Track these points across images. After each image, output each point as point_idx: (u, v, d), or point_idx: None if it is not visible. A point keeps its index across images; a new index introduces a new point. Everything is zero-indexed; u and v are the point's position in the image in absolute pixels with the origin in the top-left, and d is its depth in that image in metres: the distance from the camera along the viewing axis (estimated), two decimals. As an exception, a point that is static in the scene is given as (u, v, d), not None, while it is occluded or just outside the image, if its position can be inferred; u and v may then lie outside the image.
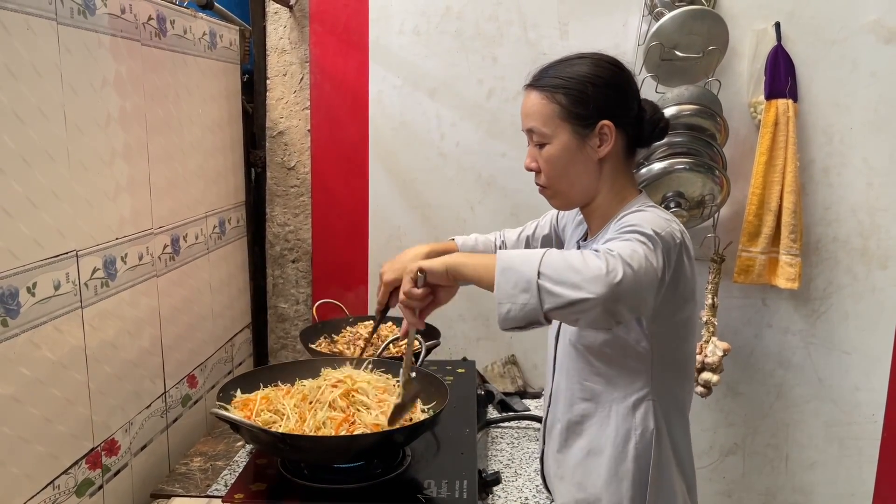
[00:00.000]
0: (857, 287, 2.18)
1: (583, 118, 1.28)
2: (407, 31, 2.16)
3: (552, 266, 1.11)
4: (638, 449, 1.30)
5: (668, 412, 1.32)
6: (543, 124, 1.30)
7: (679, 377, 1.35)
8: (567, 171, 1.32)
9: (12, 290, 1.10)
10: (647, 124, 1.33)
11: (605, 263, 1.09)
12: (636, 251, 1.13)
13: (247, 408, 1.40)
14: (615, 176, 1.34)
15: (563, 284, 1.09)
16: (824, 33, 2.07)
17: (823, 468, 2.30)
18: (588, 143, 1.29)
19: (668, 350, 1.30)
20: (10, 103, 1.09)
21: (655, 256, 1.15)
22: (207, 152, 1.86)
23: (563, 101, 1.28)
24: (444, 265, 1.24)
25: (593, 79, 1.28)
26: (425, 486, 1.36)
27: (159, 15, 1.57)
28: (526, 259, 1.14)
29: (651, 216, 1.23)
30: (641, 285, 1.12)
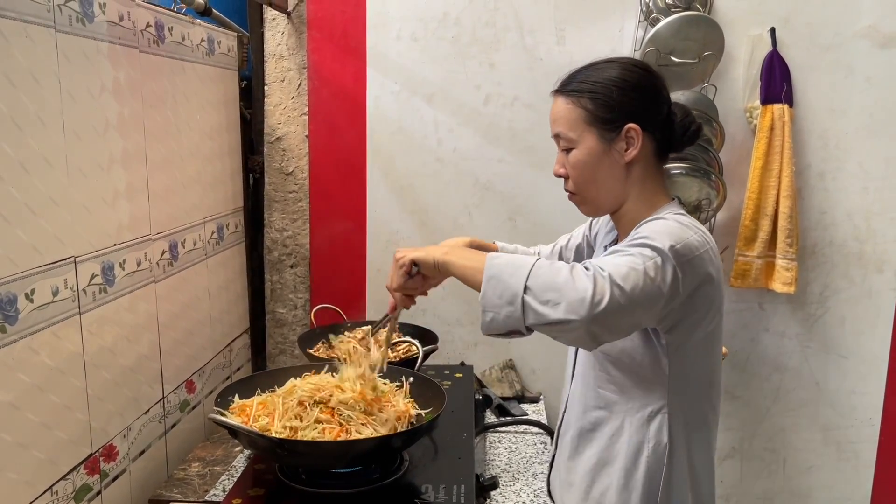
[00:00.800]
0: (854, 291, 2.19)
1: (608, 122, 1.27)
2: (404, 38, 2.17)
3: (539, 281, 1.11)
4: (650, 462, 1.27)
5: (685, 427, 1.28)
6: (569, 129, 1.30)
7: (700, 392, 1.30)
8: (594, 175, 1.30)
9: (11, 296, 1.10)
10: (677, 128, 1.31)
11: (591, 285, 1.08)
12: (634, 268, 1.11)
13: (244, 413, 1.40)
14: (644, 181, 1.31)
15: (548, 304, 1.09)
16: (819, 39, 2.08)
17: (821, 472, 2.30)
18: (614, 147, 1.28)
19: (688, 364, 1.26)
20: (9, 111, 1.09)
21: (662, 272, 1.13)
22: (206, 158, 1.86)
23: (588, 105, 1.27)
24: (433, 260, 1.26)
25: (619, 82, 1.27)
26: (423, 490, 1.36)
27: (157, 22, 1.58)
28: (514, 270, 1.13)
29: (669, 225, 1.20)
30: (632, 306, 1.11)
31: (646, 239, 1.16)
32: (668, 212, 1.28)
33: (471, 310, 2.25)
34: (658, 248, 1.14)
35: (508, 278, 1.13)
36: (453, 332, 2.29)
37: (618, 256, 1.15)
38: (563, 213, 2.17)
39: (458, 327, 2.29)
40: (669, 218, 1.24)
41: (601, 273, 1.10)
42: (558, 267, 1.12)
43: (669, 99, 1.32)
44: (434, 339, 1.91)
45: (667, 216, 1.25)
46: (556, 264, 1.13)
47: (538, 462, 1.71)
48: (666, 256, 1.14)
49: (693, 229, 1.22)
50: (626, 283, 1.09)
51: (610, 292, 1.08)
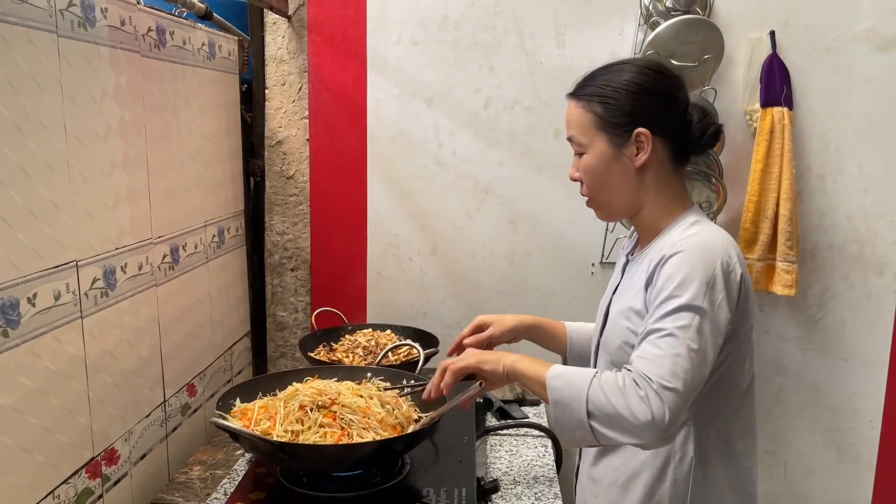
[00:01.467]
0: (854, 293, 2.19)
1: (618, 126, 1.26)
2: (405, 41, 2.17)
3: (598, 409, 1.12)
4: (676, 475, 1.26)
5: (715, 440, 1.27)
6: (581, 134, 1.30)
7: (730, 399, 1.27)
8: (605, 180, 1.30)
9: (13, 300, 1.10)
10: (694, 130, 1.28)
11: (649, 409, 1.08)
12: (678, 356, 1.11)
13: (246, 417, 1.40)
14: (659, 185, 1.29)
15: (615, 429, 1.12)
16: (819, 41, 2.08)
17: (821, 474, 2.30)
18: (625, 151, 1.27)
19: (716, 376, 1.23)
20: (11, 115, 1.09)
21: (704, 335, 1.13)
22: (206, 162, 1.87)
23: (598, 110, 1.27)
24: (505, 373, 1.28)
25: (630, 86, 1.25)
26: (424, 493, 1.36)
27: (159, 26, 1.58)
28: (573, 394, 1.15)
29: (691, 261, 1.16)
30: (691, 390, 1.12)
31: (676, 298, 1.14)
32: (691, 222, 1.27)
33: (471, 313, 2.25)
34: (692, 306, 1.13)
35: (569, 402, 1.15)
36: (454, 335, 2.28)
37: (656, 343, 1.13)
38: (563, 216, 2.19)
39: (458, 330, 2.27)
40: (694, 236, 1.21)
41: (651, 386, 1.10)
42: (611, 388, 1.12)
43: (687, 100, 1.30)
44: (435, 342, 1.91)
45: (691, 230, 1.24)
46: (607, 383, 1.13)
47: (539, 465, 1.71)
48: (703, 312, 1.13)
49: (720, 242, 1.20)
50: (676, 380, 1.10)
51: (669, 404, 1.09)
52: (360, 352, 1.89)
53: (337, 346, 1.95)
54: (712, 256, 1.17)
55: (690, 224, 1.27)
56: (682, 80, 1.31)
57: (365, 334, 2.00)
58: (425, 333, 1.97)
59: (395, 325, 2.07)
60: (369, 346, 1.92)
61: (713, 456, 1.27)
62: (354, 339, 1.98)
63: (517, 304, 2.26)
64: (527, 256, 2.25)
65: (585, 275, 2.24)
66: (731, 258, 1.20)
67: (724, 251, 1.20)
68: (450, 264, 2.26)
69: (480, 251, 2.25)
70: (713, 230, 1.25)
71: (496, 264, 2.26)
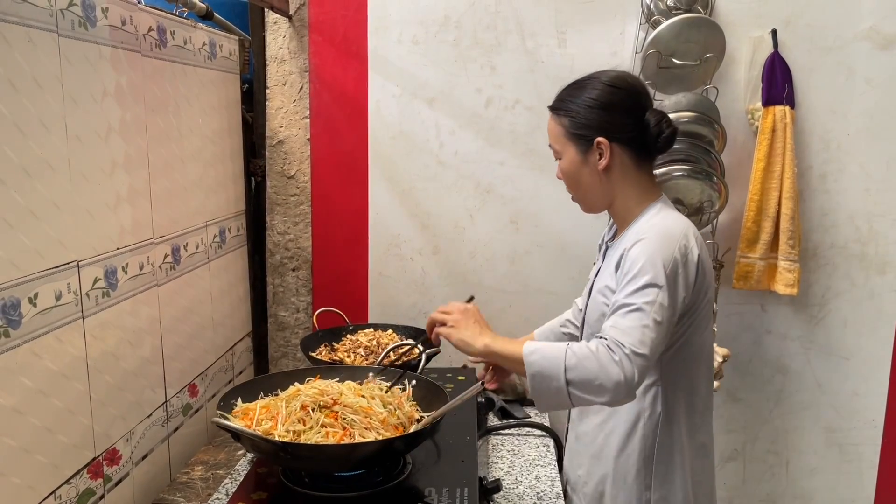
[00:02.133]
0: (856, 293, 2.19)
1: (581, 137, 1.44)
2: (405, 41, 2.17)
3: (576, 375, 1.27)
4: (645, 429, 1.45)
5: (679, 397, 1.45)
6: (555, 142, 1.49)
7: (692, 363, 1.45)
8: (578, 181, 1.49)
9: (14, 300, 1.10)
10: (651, 133, 1.44)
11: (621, 369, 1.25)
12: (644, 326, 1.28)
13: (248, 417, 1.40)
14: (625, 183, 1.47)
15: (590, 391, 1.27)
16: (820, 40, 2.08)
17: (824, 474, 2.30)
18: (589, 158, 1.45)
19: (680, 341, 1.42)
20: (12, 115, 1.09)
21: (665, 306, 1.30)
22: (207, 162, 1.87)
23: (565, 122, 1.46)
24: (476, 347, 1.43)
25: (588, 101, 1.43)
26: (426, 493, 1.36)
27: (159, 26, 1.58)
28: (550, 365, 1.30)
29: (651, 248, 1.33)
30: (655, 355, 1.30)
31: (642, 277, 1.31)
32: (651, 212, 1.45)
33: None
34: (655, 284, 1.30)
35: (549, 374, 1.30)
36: (455, 335, 2.28)
37: (626, 316, 1.30)
38: (564, 215, 2.18)
39: (460, 330, 2.28)
40: (656, 226, 1.39)
41: (623, 351, 1.26)
42: (584, 356, 1.27)
43: (643, 108, 1.45)
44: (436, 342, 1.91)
45: (655, 219, 1.42)
46: (581, 353, 1.28)
47: (541, 465, 1.71)
48: (664, 290, 1.31)
49: (678, 228, 1.39)
50: (644, 346, 1.27)
51: (637, 366, 1.25)
52: (362, 351, 1.88)
53: (338, 346, 1.95)
54: (672, 242, 1.35)
55: (655, 213, 1.45)
56: (639, 90, 1.47)
57: (366, 334, 1.99)
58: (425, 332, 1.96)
59: (396, 325, 2.07)
60: (371, 345, 1.92)
61: (677, 410, 1.45)
62: (356, 338, 1.98)
63: (518, 303, 2.26)
64: (528, 256, 2.25)
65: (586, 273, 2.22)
66: (688, 241, 1.37)
67: (683, 236, 1.37)
68: (451, 264, 2.26)
69: (482, 251, 2.25)
70: (674, 218, 1.43)
71: (497, 264, 2.26)
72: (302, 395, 1.41)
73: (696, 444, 1.48)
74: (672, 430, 1.45)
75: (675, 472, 1.45)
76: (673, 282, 1.32)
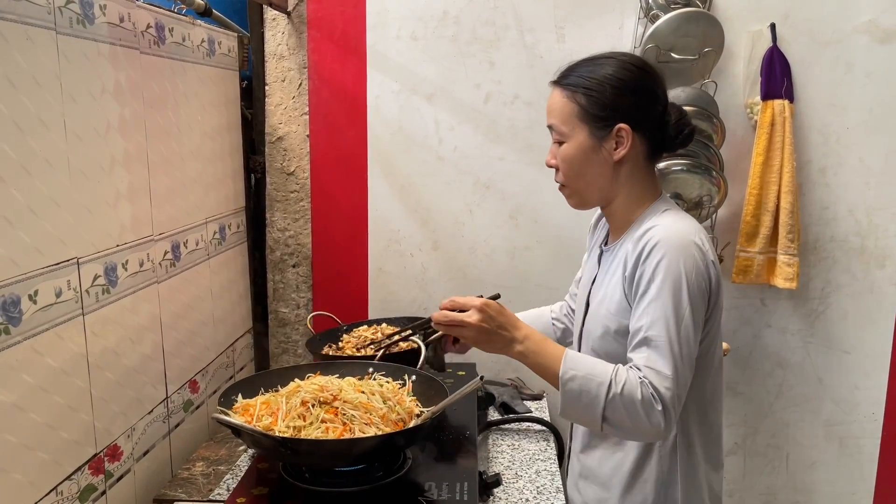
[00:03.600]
0: (856, 286, 2.19)
1: (600, 120, 1.29)
2: (404, 37, 2.17)
3: (617, 416, 1.21)
4: (661, 451, 1.34)
5: (695, 415, 1.35)
6: (562, 122, 1.33)
7: (709, 379, 1.36)
8: (583, 170, 1.34)
9: (14, 297, 1.11)
10: (670, 129, 1.33)
11: (661, 421, 1.19)
12: (679, 368, 1.20)
13: (248, 413, 1.40)
14: (633, 180, 1.34)
15: (626, 434, 1.25)
16: (819, 34, 2.08)
17: (824, 467, 2.30)
18: (604, 145, 1.31)
19: (696, 353, 1.30)
20: (10, 112, 1.10)
21: (691, 329, 1.22)
22: (207, 159, 1.87)
23: (582, 101, 1.30)
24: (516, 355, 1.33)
25: (614, 81, 1.29)
26: (426, 488, 1.37)
27: (158, 23, 1.58)
28: (589, 401, 1.22)
29: (674, 256, 1.23)
30: (686, 394, 1.24)
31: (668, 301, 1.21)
32: (661, 212, 1.32)
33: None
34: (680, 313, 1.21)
35: (587, 409, 1.23)
36: (455, 331, 2.29)
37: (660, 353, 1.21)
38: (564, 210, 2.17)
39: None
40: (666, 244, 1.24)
41: (664, 400, 1.19)
42: (629, 403, 1.19)
43: (666, 99, 1.34)
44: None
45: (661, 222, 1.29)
46: (627, 399, 1.20)
47: (541, 459, 1.72)
48: (688, 315, 1.22)
49: (690, 234, 1.27)
50: (680, 390, 1.21)
51: (674, 414, 1.21)
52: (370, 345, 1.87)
53: (343, 344, 1.95)
54: (689, 253, 1.24)
55: (660, 215, 1.32)
56: (663, 79, 1.35)
57: (366, 329, 2.00)
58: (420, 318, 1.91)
59: (389, 318, 2.06)
60: (376, 337, 1.92)
61: (693, 430, 1.35)
62: (359, 334, 1.98)
63: (518, 298, 2.26)
64: (528, 251, 2.25)
65: (587, 269, 2.24)
66: (703, 248, 1.27)
67: (698, 242, 1.26)
68: (451, 260, 2.26)
69: (481, 246, 2.25)
70: (685, 223, 1.30)
71: (497, 259, 2.26)
72: (302, 392, 1.41)
73: (711, 459, 1.40)
74: (689, 450, 1.35)
75: (700, 493, 1.37)
76: (695, 303, 1.23)
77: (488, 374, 2.25)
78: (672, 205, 1.37)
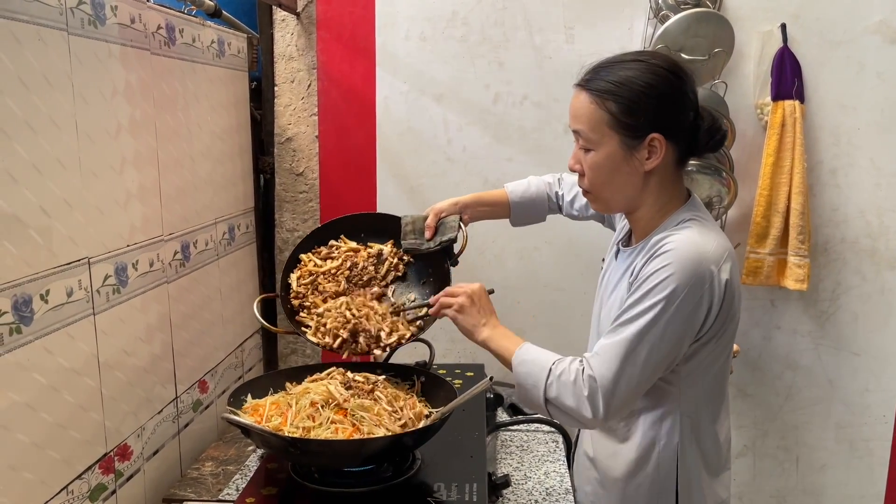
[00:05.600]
0: (866, 288, 2.18)
1: (632, 129, 1.23)
2: (413, 38, 2.17)
3: (555, 397, 1.25)
4: (660, 458, 1.33)
5: (697, 424, 1.32)
6: (591, 130, 1.26)
7: (712, 389, 1.33)
8: (611, 179, 1.28)
9: (26, 297, 1.11)
10: (702, 135, 1.27)
11: (592, 408, 1.21)
12: (627, 364, 1.20)
13: (257, 413, 1.40)
14: (662, 188, 1.29)
15: (566, 419, 1.27)
16: (830, 34, 2.07)
17: (834, 470, 2.29)
18: (636, 154, 1.25)
19: (702, 369, 1.29)
20: (23, 113, 1.10)
21: (663, 338, 1.20)
22: (216, 159, 1.87)
23: (613, 108, 1.22)
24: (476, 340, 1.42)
25: (647, 88, 1.21)
26: (435, 489, 1.36)
27: (168, 24, 1.59)
28: (534, 381, 1.27)
29: (676, 262, 1.18)
30: (635, 394, 1.24)
31: (646, 299, 1.20)
32: (683, 220, 1.28)
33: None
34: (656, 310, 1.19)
35: (531, 390, 1.28)
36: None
37: (615, 344, 1.22)
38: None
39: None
40: (676, 254, 1.20)
41: (596, 389, 1.21)
42: (565, 386, 1.24)
43: (697, 102, 1.28)
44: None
45: (682, 230, 1.25)
46: (565, 377, 1.24)
47: (550, 461, 1.71)
48: (665, 316, 1.19)
49: (709, 244, 1.22)
50: (619, 386, 1.21)
51: (611, 407, 1.22)
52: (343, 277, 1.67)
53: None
54: (696, 264, 1.19)
55: (682, 224, 1.27)
56: (694, 80, 1.28)
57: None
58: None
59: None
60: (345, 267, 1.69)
61: (697, 439, 1.33)
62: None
63: (527, 300, 2.26)
64: (536, 252, 2.24)
65: (595, 270, 2.19)
66: (717, 265, 1.21)
67: (712, 259, 1.21)
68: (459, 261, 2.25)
69: (490, 247, 2.25)
70: (703, 234, 1.24)
71: (506, 260, 2.26)
72: (311, 394, 1.41)
73: (711, 466, 1.36)
74: (691, 459, 1.32)
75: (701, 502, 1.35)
76: (686, 312, 1.18)
77: (497, 376, 2.24)
78: (697, 212, 1.30)
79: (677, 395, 1.30)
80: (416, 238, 1.68)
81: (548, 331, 2.27)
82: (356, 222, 1.74)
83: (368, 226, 1.73)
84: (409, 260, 1.70)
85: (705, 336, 1.25)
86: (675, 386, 1.30)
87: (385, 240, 1.72)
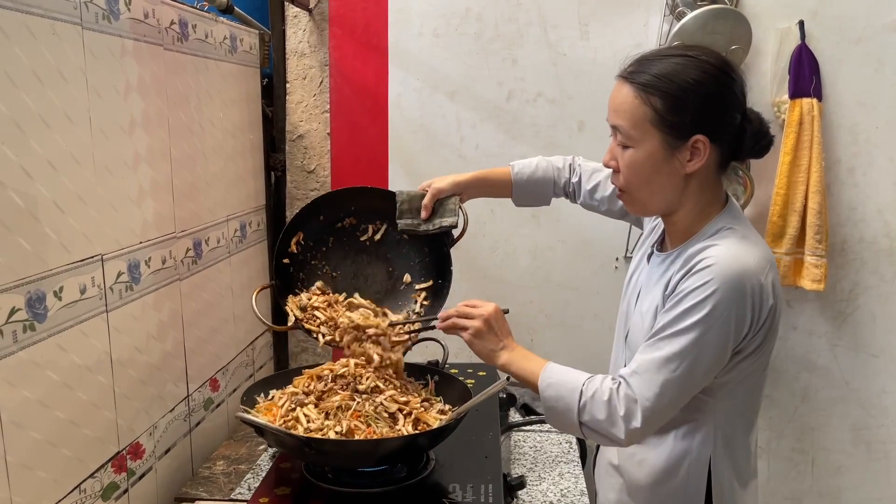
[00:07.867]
0: (884, 288, 2.15)
1: (676, 128, 1.17)
2: (426, 34, 2.16)
3: (589, 419, 1.21)
4: (691, 470, 1.29)
5: (730, 436, 1.29)
6: (632, 126, 1.19)
7: (747, 401, 1.30)
8: (649, 180, 1.22)
9: (40, 294, 1.10)
10: (749, 138, 1.20)
11: (626, 428, 1.18)
12: (668, 383, 1.16)
13: (270, 412, 1.40)
14: (701, 192, 1.23)
15: (602, 439, 1.23)
16: (848, 32, 2.04)
17: (850, 472, 2.26)
18: (677, 155, 1.18)
19: (739, 381, 1.26)
20: (37, 108, 1.09)
21: (702, 355, 1.16)
22: (228, 156, 1.86)
23: (658, 105, 1.16)
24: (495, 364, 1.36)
25: (695, 86, 1.15)
26: (450, 490, 1.35)
27: (181, 19, 1.58)
28: (565, 404, 1.23)
29: (719, 276, 1.13)
30: (670, 414, 1.22)
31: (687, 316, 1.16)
32: (721, 229, 1.22)
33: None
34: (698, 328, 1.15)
35: (563, 411, 1.24)
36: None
37: (654, 361, 1.18)
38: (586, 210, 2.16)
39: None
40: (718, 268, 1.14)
41: (634, 409, 1.18)
42: (600, 405, 1.20)
43: (745, 104, 1.22)
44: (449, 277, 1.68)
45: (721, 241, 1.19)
46: (598, 398, 1.20)
47: (564, 461, 1.69)
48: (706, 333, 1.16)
49: (749, 256, 1.16)
50: (660, 405, 1.18)
51: (649, 425, 1.20)
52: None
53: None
54: (740, 281, 1.14)
55: (722, 231, 1.21)
56: (744, 82, 1.21)
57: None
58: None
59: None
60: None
61: (730, 451, 1.29)
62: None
63: (539, 299, 2.24)
64: (550, 251, 2.23)
65: (609, 269, 2.22)
66: (759, 279, 1.16)
67: (756, 272, 1.16)
68: (472, 259, 2.24)
69: (503, 245, 2.23)
70: (744, 245, 1.19)
71: (519, 259, 2.24)
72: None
73: (742, 481, 1.32)
74: (722, 472, 1.28)
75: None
76: (729, 329, 1.15)
77: (509, 375, 2.23)
78: (736, 219, 1.25)
79: (712, 406, 1.26)
80: (413, 218, 1.66)
81: (561, 331, 2.25)
82: (348, 196, 1.71)
83: (361, 203, 1.70)
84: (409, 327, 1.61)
85: (746, 349, 1.21)
86: (711, 397, 1.26)
87: (380, 218, 1.68)
